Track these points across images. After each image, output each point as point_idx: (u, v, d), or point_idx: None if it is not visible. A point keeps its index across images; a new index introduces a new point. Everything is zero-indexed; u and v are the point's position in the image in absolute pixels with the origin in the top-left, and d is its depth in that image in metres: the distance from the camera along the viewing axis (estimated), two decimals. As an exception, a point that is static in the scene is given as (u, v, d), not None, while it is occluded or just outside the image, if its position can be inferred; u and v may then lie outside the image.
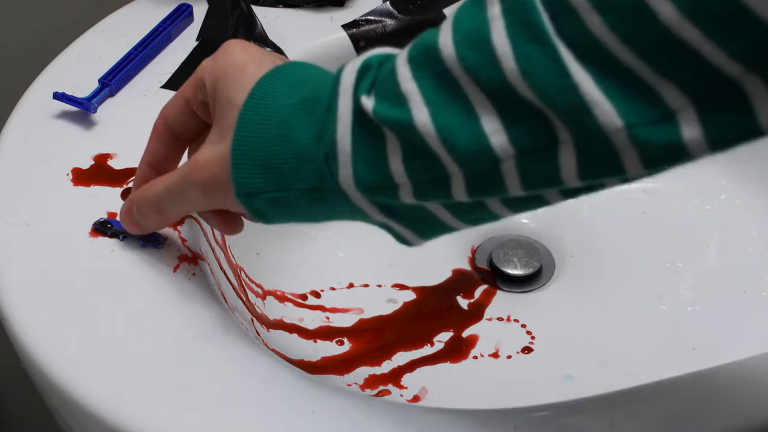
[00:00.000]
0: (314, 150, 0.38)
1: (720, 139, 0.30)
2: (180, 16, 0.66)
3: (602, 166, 0.32)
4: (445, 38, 0.34)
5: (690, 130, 0.30)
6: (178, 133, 0.46)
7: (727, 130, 0.30)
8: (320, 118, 0.38)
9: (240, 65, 0.42)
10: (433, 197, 0.36)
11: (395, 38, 0.67)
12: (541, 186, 0.34)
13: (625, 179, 0.33)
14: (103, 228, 0.51)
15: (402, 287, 0.61)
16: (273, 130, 0.39)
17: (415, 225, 0.39)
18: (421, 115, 0.34)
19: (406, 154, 0.36)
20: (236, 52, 0.43)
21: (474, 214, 0.37)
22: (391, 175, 0.36)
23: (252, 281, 0.58)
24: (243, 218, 0.46)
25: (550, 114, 0.32)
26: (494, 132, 0.33)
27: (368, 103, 0.36)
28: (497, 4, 0.33)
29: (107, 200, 0.53)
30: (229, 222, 0.45)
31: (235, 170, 0.40)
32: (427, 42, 0.35)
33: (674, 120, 0.30)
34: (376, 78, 0.37)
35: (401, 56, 0.36)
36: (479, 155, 0.34)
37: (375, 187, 0.37)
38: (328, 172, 0.38)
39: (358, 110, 0.36)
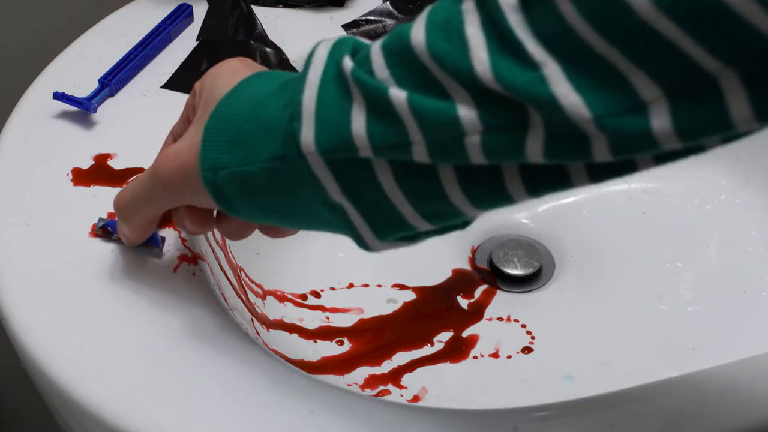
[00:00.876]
0: (280, 119, 0.38)
1: (690, 131, 0.30)
2: (180, 16, 0.66)
3: (569, 149, 0.32)
4: (418, 27, 0.34)
5: (660, 121, 0.30)
6: None
7: (698, 122, 0.30)
8: (291, 90, 0.38)
9: (233, 70, 0.43)
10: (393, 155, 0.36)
11: (395, 38, 0.67)
12: (503, 159, 0.34)
13: (591, 164, 0.33)
14: (104, 234, 0.51)
15: (402, 287, 0.61)
16: (246, 108, 0.40)
17: (371, 214, 0.38)
18: (395, 91, 0.35)
19: (370, 117, 0.36)
20: (233, 62, 0.44)
21: (432, 205, 0.37)
22: (351, 138, 0.36)
23: (252, 281, 0.58)
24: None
25: (521, 101, 0.32)
26: (465, 108, 0.33)
27: (349, 63, 0.36)
28: None
29: (107, 200, 0.53)
30: (200, 218, 0.45)
31: (203, 148, 0.40)
32: (401, 31, 0.35)
33: (645, 110, 0.30)
34: (355, 54, 0.37)
35: (376, 43, 0.36)
36: (446, 126, 0.34)
37: (333, 150, 0.37)
38: (290, 134, 0.37)
39: (331, 71, 0.37)
